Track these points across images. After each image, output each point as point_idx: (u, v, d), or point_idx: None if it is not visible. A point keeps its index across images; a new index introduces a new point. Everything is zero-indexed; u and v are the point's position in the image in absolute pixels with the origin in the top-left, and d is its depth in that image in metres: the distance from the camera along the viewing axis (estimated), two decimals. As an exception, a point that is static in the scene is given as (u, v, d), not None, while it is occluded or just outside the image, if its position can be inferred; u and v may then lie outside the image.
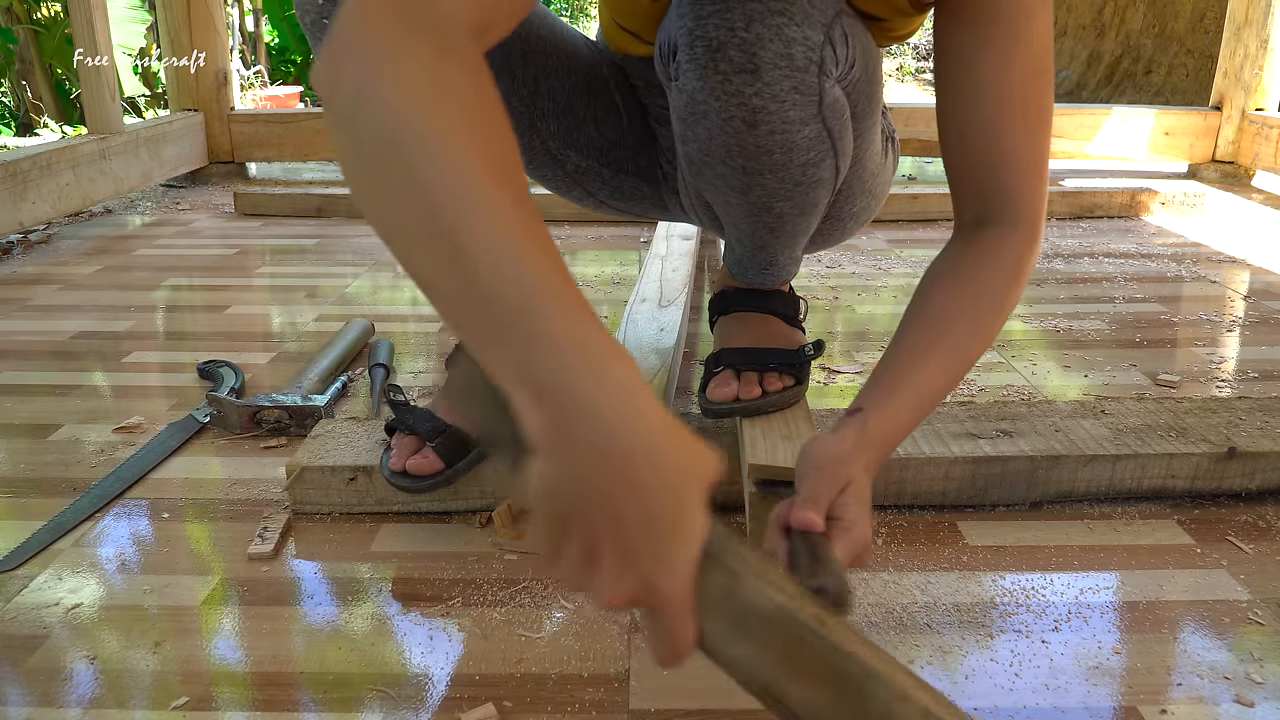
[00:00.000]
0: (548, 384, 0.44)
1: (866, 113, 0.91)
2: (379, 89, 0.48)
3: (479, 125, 0.49)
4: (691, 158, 0.87)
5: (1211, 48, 5.26)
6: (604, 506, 0.44)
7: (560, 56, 1.00)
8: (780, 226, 0.93)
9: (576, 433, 0.44)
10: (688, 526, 0.46)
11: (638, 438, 0.44)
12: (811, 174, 0.86)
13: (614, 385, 0.45)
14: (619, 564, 0.45)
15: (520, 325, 0.45)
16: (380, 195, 0.48)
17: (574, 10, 8.90)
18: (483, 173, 0.47)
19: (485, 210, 0.46)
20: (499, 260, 0.45)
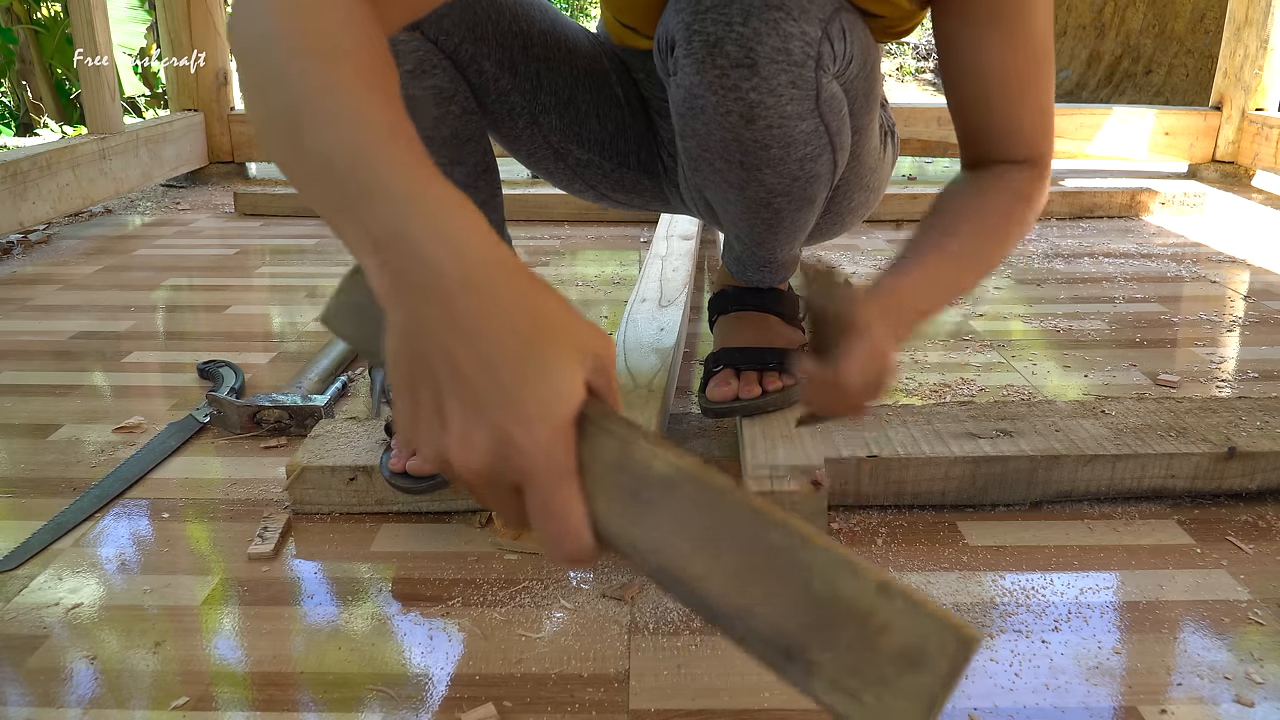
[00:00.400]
0: (383, 236, 0.44)
1: (865, 109, 0.91)
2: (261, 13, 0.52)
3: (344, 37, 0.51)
4: (690, 153, 0.87)
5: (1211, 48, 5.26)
6: (438, 351, 0.42)
7: (561, 50, 1.00)
8: (778, 222, 0.93)
9: (409, 279, 0.43)
10: (546, 370, 0.42)
11: (469, 274, 0.43)
12: (809, 169, 0.86)
13: (444, 225, 0.44)
14: (465, 414, 0.42)
15: (358, 186, 0.45)
16: (254, 101, 0.51)
17: (573, 9, 8.90)
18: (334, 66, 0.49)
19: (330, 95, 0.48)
20: (336, 135, 0.46)
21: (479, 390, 0.41)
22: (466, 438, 0.42)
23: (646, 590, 0.84)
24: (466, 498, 0.96)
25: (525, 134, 1.01)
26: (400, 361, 0.44)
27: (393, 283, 0.44)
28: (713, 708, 0.70)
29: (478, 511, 0.96)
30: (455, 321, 0.42)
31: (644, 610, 0.81)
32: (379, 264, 0.45)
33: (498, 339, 0.42)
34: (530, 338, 0.42)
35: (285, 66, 0.49)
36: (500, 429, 0.41)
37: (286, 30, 0.51)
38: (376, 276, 0.45)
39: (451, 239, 0.44)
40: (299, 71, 0.49)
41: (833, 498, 0.95)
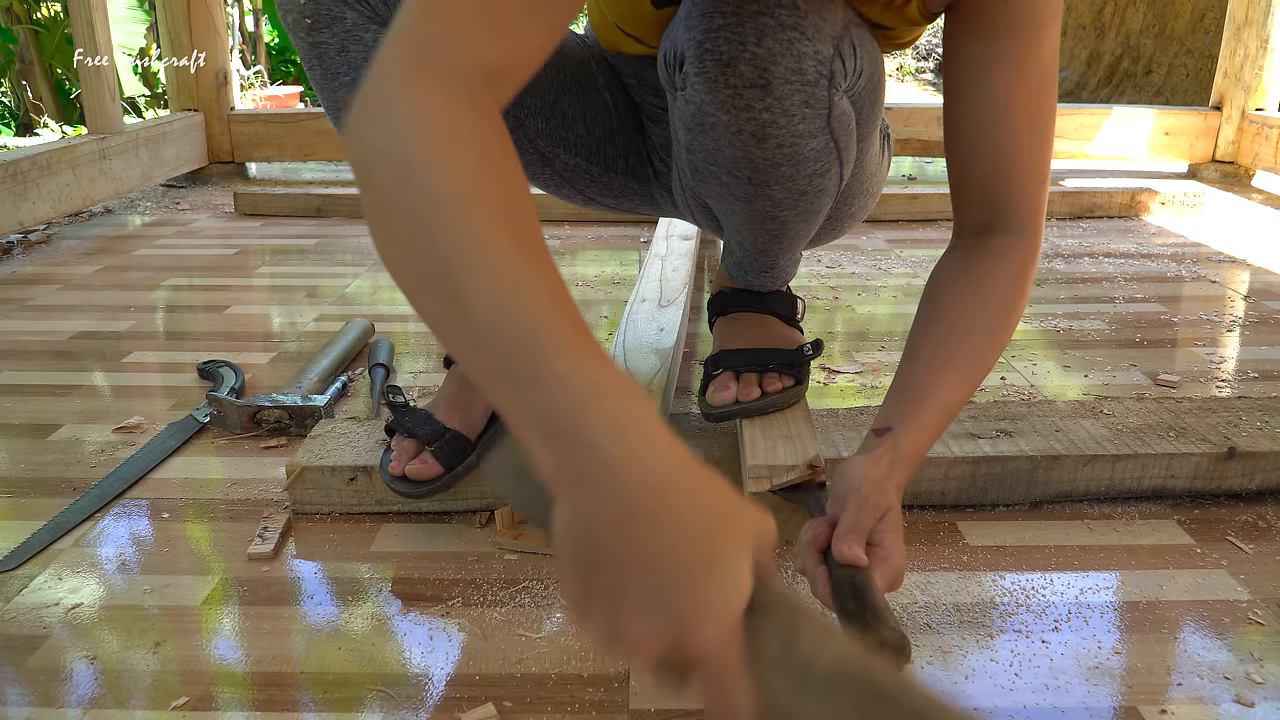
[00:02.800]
0: (554, 424, 0.44)
1: (870, 119, 0.91)
2: (392, 141, 0.49)
3: (487, 171, 0.49)
4: (696, 166, 0.87)
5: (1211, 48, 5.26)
6: (617, 545, 0.43)
7: None
8: (783, 233, 0.93)
9: (586, 471, 0.43)
10: (721, 570, 0.43)
11: (646, 470, 0.43)
12: (817, 184, 0.86)
13: (619, 420, 0.44)
14: (643, 611, 0.42)
15: (523, 368, 0.44)
16: (394, 251, 0.49)
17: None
18: (487, 219, 0.47)
19: (487, 256, 0.46)
20: (501, 306, 0.45)
21: (660, 583, 0.42)
22: (645, 634, 0.42)
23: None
24: (467, 498, 0.96)
25: (511, 137, 1.01)
26: (571, 545, 0.44)
27: (564, 471, 0.44)
28: (713, 708, 0.70)
29: (478, 511, 0.96)
30: (634, 521, 0.42)
31: (644, 610, 0.81)
32: (546, 448, 0.44)
33: (680, 533, 0.42)
34: (707, 534, 0.43)
35: (427, 211, 0.47)
36: (679, 622, 0.42)
37: (419, 160, 0.48)
38: (543, 457, 0.45)
39: (628, 438, 0.43)
40: (445, 221, 0.47)
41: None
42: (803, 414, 0.99)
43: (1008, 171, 0.78)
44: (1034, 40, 0.76)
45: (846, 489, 0.68)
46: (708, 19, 0.76)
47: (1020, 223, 0.79)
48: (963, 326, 0.76)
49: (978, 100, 0.78)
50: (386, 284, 1.83)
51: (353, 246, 2.11)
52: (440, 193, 0.47)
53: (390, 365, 1.33)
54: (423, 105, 0.50)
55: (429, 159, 0.48)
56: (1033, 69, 0.76)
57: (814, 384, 1.30)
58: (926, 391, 0.74)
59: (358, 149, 0.51)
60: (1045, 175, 0.80)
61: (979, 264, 0.79)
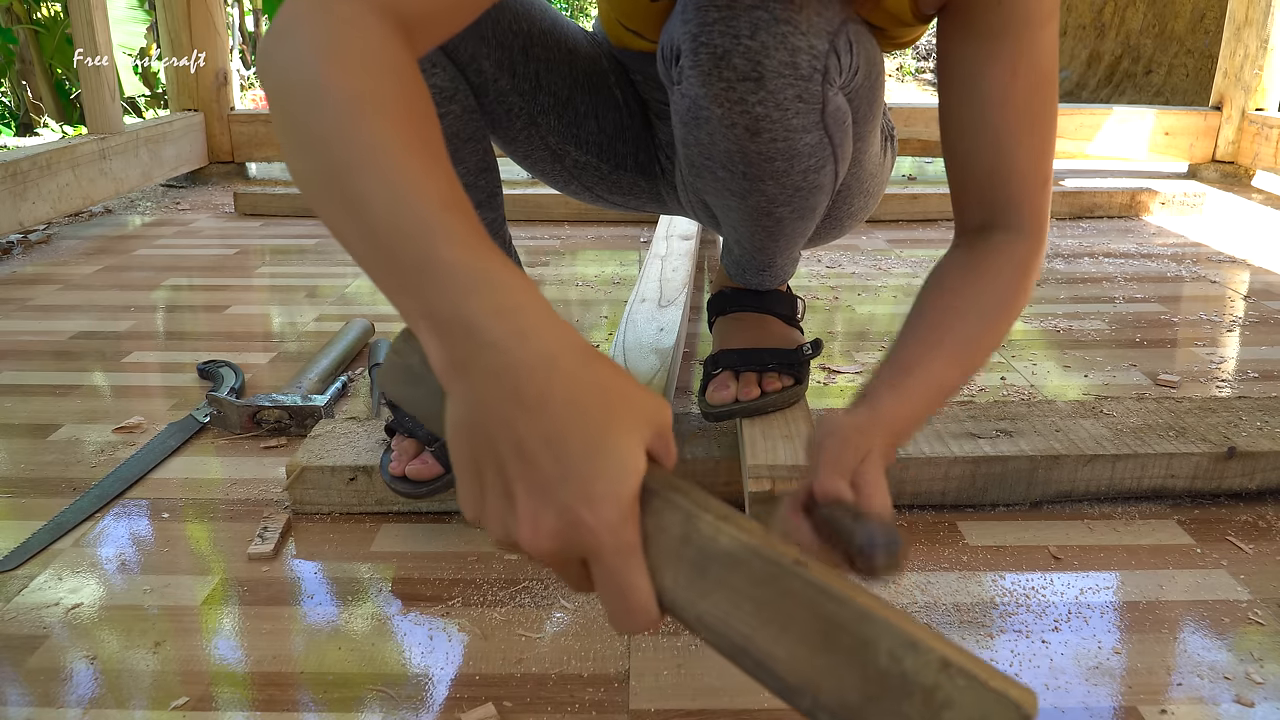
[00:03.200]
0: (444, 313, 0.44)
1: (868, 117, 0.91)
2: (300, 58, 0.51)
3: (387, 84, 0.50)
4: (692, 161, 0.87)
5: (1211, 48, 5.26)
6: (505, 431, 0.42)
7: (561, 51, 1.00)
8: (779, 230, 0.93)
9: (472, 358, 0.43)
10: (612, 450, 0.42)
11: (533, 355, 0.43)
12: (812, 180, 0.86)
13: (506, 304, 0.44)
14: (533, 496, 0.42)
15: (412, 260, 0.45)
16: (299, 160, 0.50)
17: (573, 9, 8.90)
18: (383, 125, 0.48)
19: (381, 158, 0.47)
20: (392, 202, 0.46)
21: (546, 471, 0.42)
22: (535, 519, 0.42)
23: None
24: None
25: (523, 135, 1.01)
26: (463, 440, 0.44)
27: (454, 362, 0.44)
28: (712, 708, 0.70)
29: (478, 511, 0.96)
30: (522, 404, 0.42)
31: (644, 610, 0.81)
32: (437, 340, 0.45)
33: (565, 420, 0.42)
34: (595, 416, 0.43)
35: (330, 121, 0.48)
36: (569, 510, 0.41)
37: (323, 75, 0.49)
38: (436, 353, 0.45)
39: (515, 321, 0.44)
40: (344, 129, 0.48)
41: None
42: (803, 414, 0.99)
43: (1007, 172, 0.78)
44: (1028, 40, 0.75)
45: (823, 433, 0.66)
46: (703, 12, 0.76)
47: (1023, 221, 0.78)
48: (957, 309, 0.75)
49: (973, 102, 0.77)
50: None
51: (353, 246, 2.11)
52: (340, 103, 0.49)
53: (390, 365, 1.33)
54: (332, 26, 0.52)
55: (332, 72, 0.50)
56: (1028, 69, 0.76)
57: (814, 384, 1.30)
58: (915, 364, 0.72)
59: (269, 67, 0.52)
60: (1047, 175, 0.79)
61: (980, 257, 0.78)
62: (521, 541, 0.43)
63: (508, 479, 0.43)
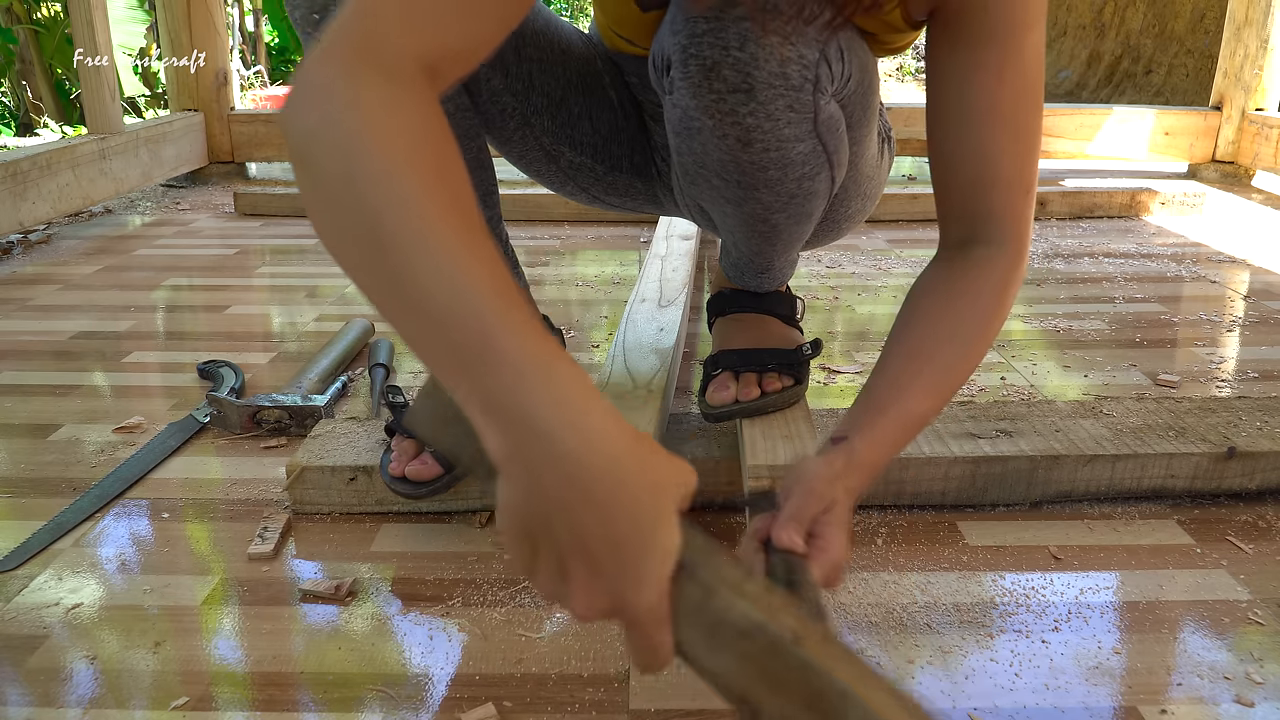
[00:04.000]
0: (502, 406, 0.45)
1: (862, 121, 0.91)
2: (330, 123, 0.50)
3: (426, 156, 0.50)
4: (687, 169, 0.87)
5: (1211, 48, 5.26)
6: (568, 526, 0.46)
7: (555, 51, 1.00)
8: (776, 236, 0.93)
9: (534, 453, 0.45)
10: (657, 543, 0.47)
11: (595, 456, 0.45)
12: (807, 187, 0.86)
13: (568, 403, 0.46)
14: (588, 580, 0.46)
15: (471, 350, 0.46)
16: (335, 231, 0.50)
17: (573, 10, 8.90)
18: (428, 198, 0.48)
19: (430, 239, 0.47)
20: (446, 287, 0.46)
21: (603, 561, 0.46)
22: (589, 597, 0.47)
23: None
24: (467, 498, 0.96)
25: (517, 135, 1.01)
26: (518, 517, 0.47)
27: (511, 449, 0.46)
28: (712, 708, 0.70)
29: (478, 511, 0.96)
30: (589, 502, 0.45)
31: (644, 610, 0.81)
32: (495, 427, 0.46)
33: (625, 518, 0.46)
34: (649, 515, 0.46)
35: (368, 199, 0.48)
36: (619, 593, 0.46)
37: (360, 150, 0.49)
38: (492, 438, 0.46)
39: (575, 420, 0.45)
40: (384, 208, 0.47)
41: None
42: (802, 414, 0.99)
43: (991, 179, 0.77)
44: (1014, 47, 0.75)
45: (793, 481, 0.68)
46: (692, 23, 0.76)
47: (1004, 233, 0.77)
48: (935, 337, 0.75)
49: (959, 109, 0.77)
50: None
51: (353, 246, 2.11)
52: (379, 171, 0.48)
53: (390, 365, 1.33)
54: (361, 90, 0.51)
55: (368, 139, 0.49)
56: (1013, 76, 0.75)
57: (814, 384, 1.30)
58: (890, 401, 0.72)
59: (296, 131, 0.52)
60: (1030, 184, 0.78)
61: (959, 276, 0.78)
62: (574, 611, 0.48)
63: (564, 558, 0.47)
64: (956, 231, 0.80)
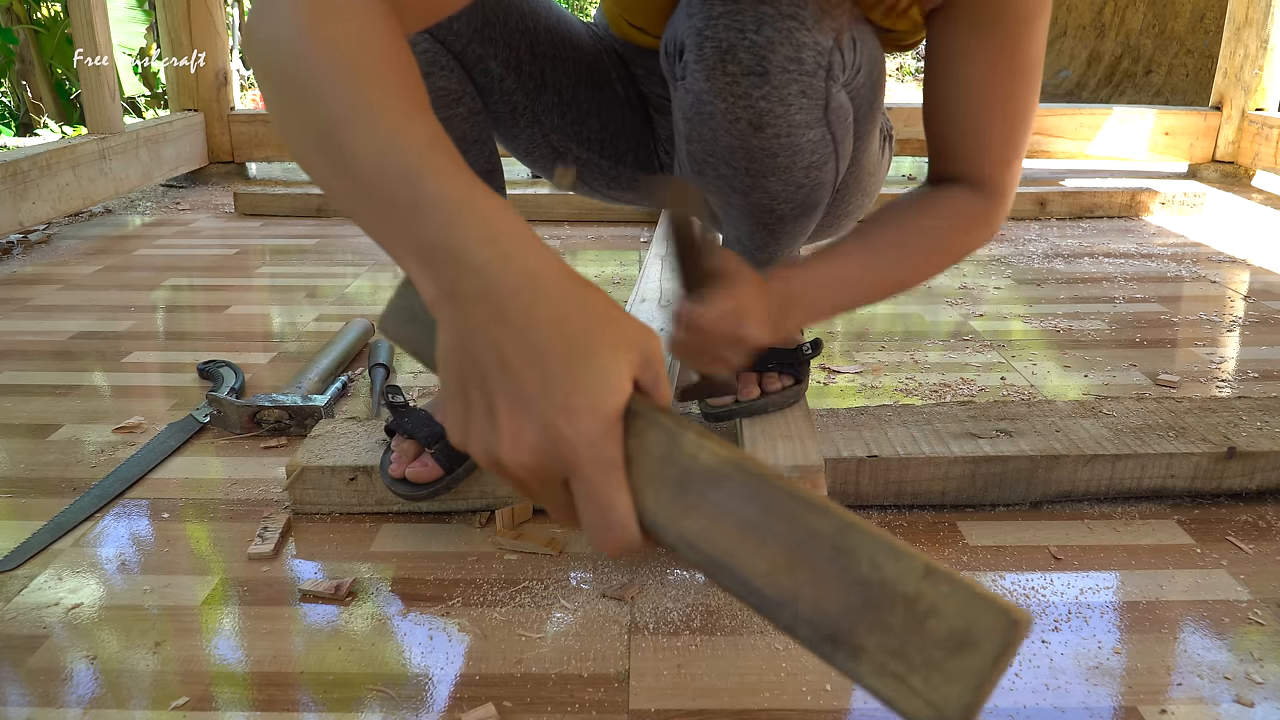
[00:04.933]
0: (432, 242, 0.46)
1: (868, 116, 0.91)
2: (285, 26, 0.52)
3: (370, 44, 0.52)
4: (695, 156, 0.87)
5: (1211, 48, 5.26)
6: (489, 350, 0.44)
7: (565, 47, 1.00)
8: (780, 227, 0.93)
9: (458, 283, 0.45)
10: (593, 365, 0.43)
11: (517, 276, 0.44)
12: (814, 176, 0.86)
13: (489, 231, 0.45)
14: (514, 410, 0.43)
15: (401, 196, 0.46)
16: (289, 120, 0.52)
17: (574, 9, 8.91)
18: (369, 81, 0.50)
19: (369, 111, 0.49)
20: (380, 148, 0.47)
21: (527, 386, 0.43)
22: (516, 434, 0.43)
23: (646, 590, 0.84)
24: (467, 498, 0.96)
25: (525, 133, 1.01)
26: (451, 363, 0.46)
27: (441, 289, 0.45)
28: (712, 708, 0.70)
29: (478, 511, 0.96)
30: (506, 322, 0.43)
31: (644, 610, 0.81)
32: (427, 272, 0.46)
33: (546, 335, 0.43)
34: (577, 334, 0.44)
35: (317, 82, 0.50)
36: (549, 423, 0.42)
37: (312, 43, 0.51)
38: (425, 284, 0.46)
39: (498, 244, 0.45)
40: (332, 88, 0.49)
41: (832, 498, 0.95)
42: (802, 414, 0.99)
43: (977, 144, 0.82)
44: (1015, 36, 0.77)
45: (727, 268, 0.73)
46: (708, 6, 0.76)
47: (986, 185, 0.82)
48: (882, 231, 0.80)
49: (952, 89, 0.81)
50: (386, 284, 1.83)
51: (353, 246, 2.11)
52: (326, 63, 0.50)
53: (390, 365, 1.33)
54: None
55: (316, 36, 0.51)
56: (1009, 64, 0.78)
57: (814, 384, 1.30)
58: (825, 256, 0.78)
59: (254, 40, 0.54)
60: (1016, 148, 0.82)
61: (935, 197, 0.83)
62: (502, 455, 0.44)
63: (491, 396, 0.44)
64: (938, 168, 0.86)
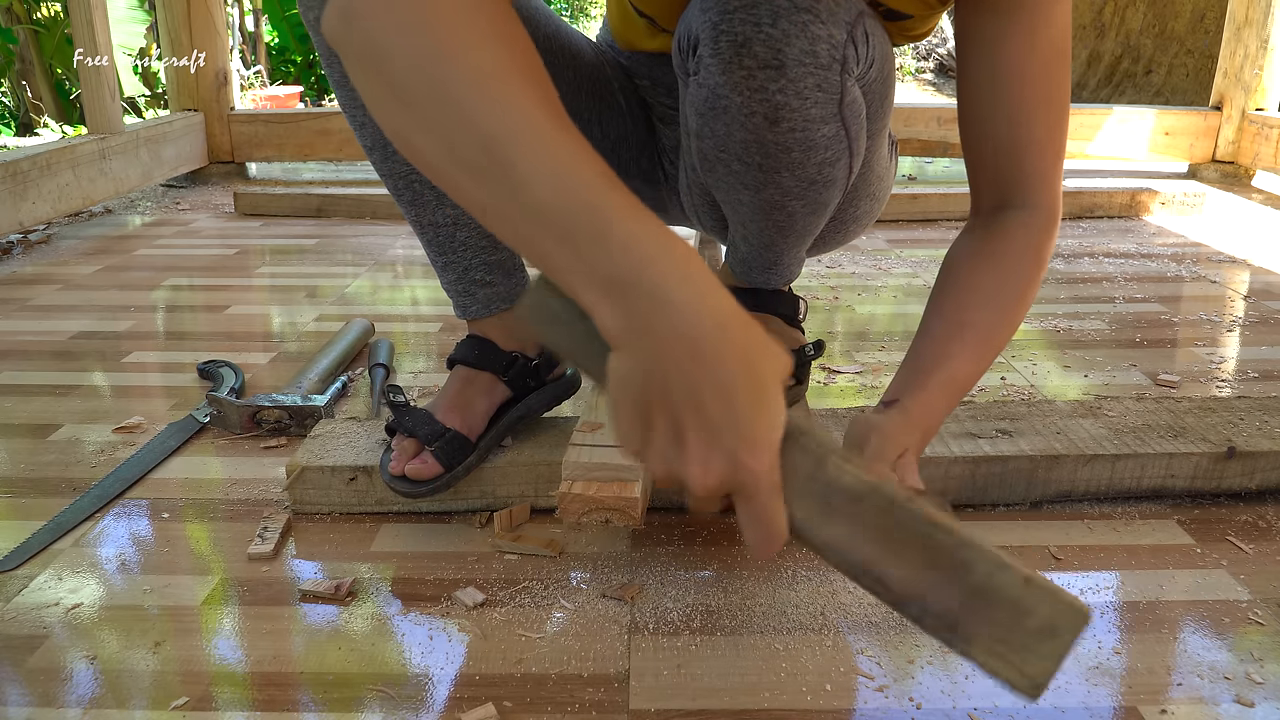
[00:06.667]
0: (621, 278, 0.48)
1: (879, 113, 0.91)
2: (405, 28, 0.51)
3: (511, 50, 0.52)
4: (706, 154, 0.87)
5: (1211, 48, 5.26)
6: (684, 386, 0.48)
7: (565, 56, 1.00)
8: (790, 225, 0.93)
9: (653, 320, 0.48)
10: (768, 402, 0.49)
11: (710, 318, 0.48)
12: (827, 173, 0.86)
13: (684, 273, 0.49)
14: (704, 441, 0.48)
15: (586, 229, 0.49)
16: (424, 134, 0.52)
17: (574, 10, 8.90)
18: (524, 97, 0.50)
19: (534, 133, 0.50)
20: (557, 181, 0.49)
21: (717, 420, 0.48)
22: (705, 460, 0.48)
23: (646, 590, 0.84)
24: (467, 498, 0.96)
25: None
26: (633, 387, 0.49)
27: (631, 323, 0.49)
28: (713, 708, 0.70)
29: (478, 511, 0.96)
30: (700, 358, 0.48)
31: (644, 610, 0.81)
32: (614, 304, 0.49)
33: (737, 374, 0.48)
34: (759, 373, 0.49)
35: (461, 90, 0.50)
36: (733, 453, 0.48)
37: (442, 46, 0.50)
38: (608, 314, 0.49)
39: (693, 285, 0.49)
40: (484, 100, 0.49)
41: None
42: (803, 414, 0.99)
43: (1025, 143, 0.80)
44: (1044, 15, 0.77)
45: (866, 429, 0.71)
46: (724, 0, 0.77)
47: (1036, 196, 0.80)
48: (975, 301, 0.77)
49: (991, 75, 0.79)
50: (386, 284, 1.83)
51: (353, 246, 2.11)
52: (471, 73, 0.50)
53: (390, 365, 1.33)
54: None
55: (452, 42, 0.51)
56: (1045, 43, 0.78)
57: (814, 384, 1.30)
58: (935, 365, 0.75)
59: (362, 38, 0.53)
60: (1060, 148, 0.81)
61: (994, 240, 0.80)
62: (690, 478, 0.49)
63: (680, 424, 0.49)
64: (990, 198, 0.82)
